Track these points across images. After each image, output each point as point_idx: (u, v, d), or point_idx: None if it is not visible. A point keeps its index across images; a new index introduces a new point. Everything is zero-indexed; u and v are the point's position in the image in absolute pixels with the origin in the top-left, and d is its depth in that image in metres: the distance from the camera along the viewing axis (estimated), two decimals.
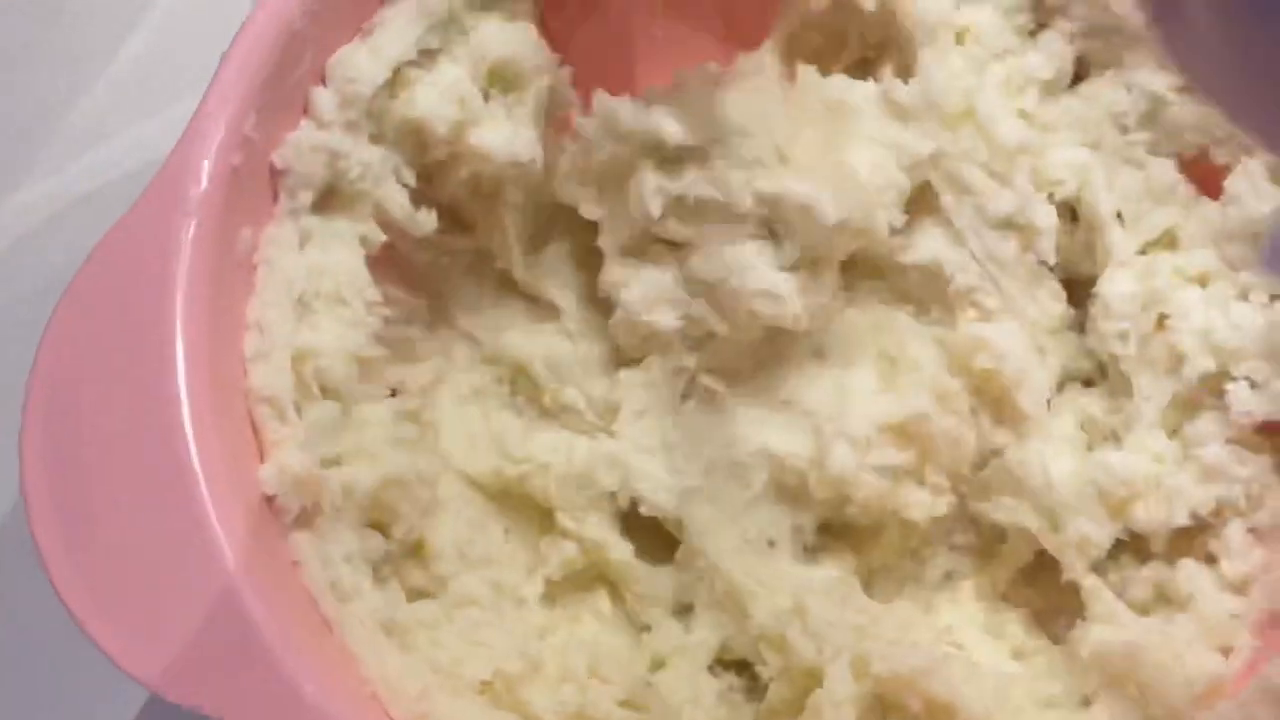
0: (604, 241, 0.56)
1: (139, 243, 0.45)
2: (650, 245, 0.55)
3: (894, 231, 0.55)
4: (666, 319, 0.55)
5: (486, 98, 0.53)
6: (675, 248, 0.55)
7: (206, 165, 0.46)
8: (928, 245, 0.56)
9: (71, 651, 0.54)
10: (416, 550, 0.52)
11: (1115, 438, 0.55)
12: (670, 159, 0.53)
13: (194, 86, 0.47)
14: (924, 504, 0.55)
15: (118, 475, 0.43)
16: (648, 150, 0.53)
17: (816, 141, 0.54)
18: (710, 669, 0.55)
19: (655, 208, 0.53)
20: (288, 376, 0.48)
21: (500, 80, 0.53)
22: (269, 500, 0.46)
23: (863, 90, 0.55)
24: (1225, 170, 0.55)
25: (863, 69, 0.58)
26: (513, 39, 0.53)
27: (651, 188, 0.53)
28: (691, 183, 0.53)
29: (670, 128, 0.52)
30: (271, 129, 0.48)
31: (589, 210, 0.56)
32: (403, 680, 0.46)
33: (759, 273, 0.53)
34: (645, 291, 0.55)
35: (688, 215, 0.53)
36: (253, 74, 0.47)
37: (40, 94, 0.68)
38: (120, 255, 0.45)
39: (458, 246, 0.57)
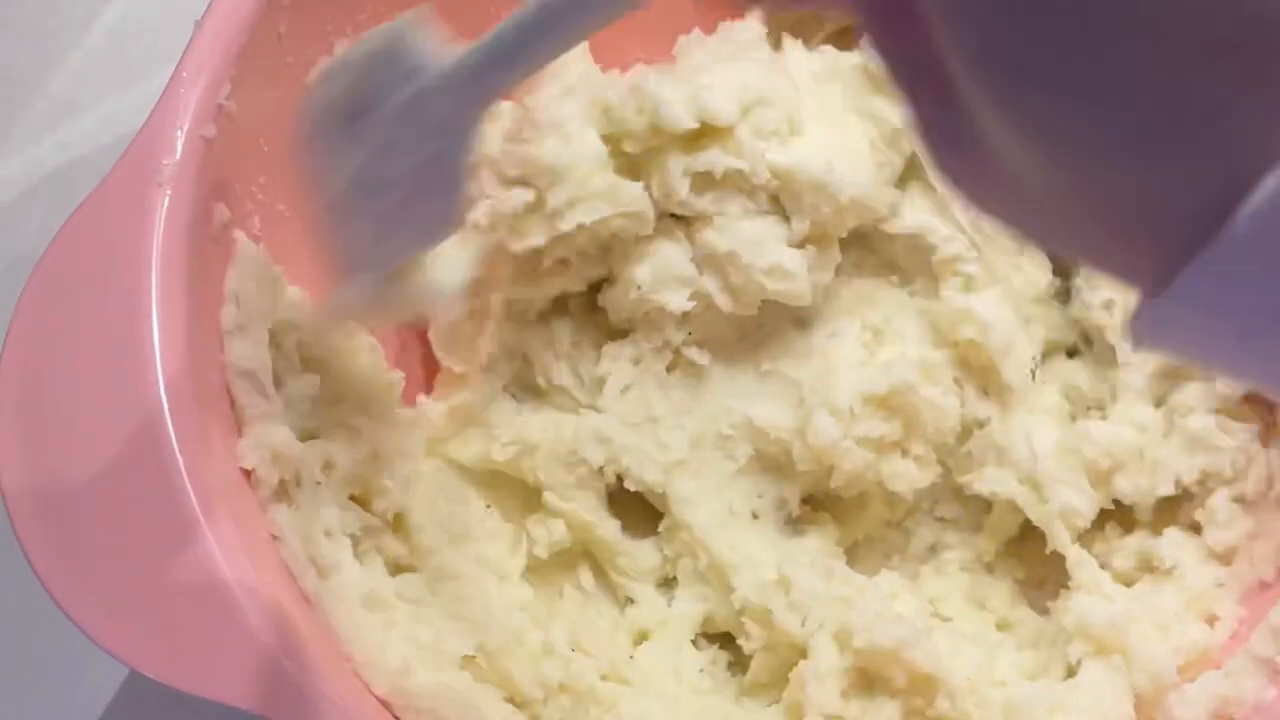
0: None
1: (111, 215, 0.44)
2: (659, 220, 0.55)
3: None
4: (677, 300, 0.54)
5: None
6: (685, 223, 0.55)
7: (180, 136, 0.45)
8: (913, 215, 0.55)
9: (47, 634, 0.54)
10: (397, 524, 0.52)
11: (1100, 408, 0.55)
12: (690, 138, 0.53)
13: (170, 59, 0.46)
14: (908, 475, 0.54)
15: (92, 451, 0.42)
16: (669, 137, 0.53)
17: (815, 115, 0.54)
18: (693, 642, 0.55)
19: (684, 189, 0.53)
20: (266, 349, 0.47)
21: None
22: (247, 474, 0.45)
23: (848, 61, 0.55)
24: None
25: (845, 37, 0.58)
26: None
27: (680, 170, 0.53)
28: (714, 157, 0.52)
29: (687, 117, 0.52)
30: (247, 98, 0.47)
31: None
32: (383, 655, 0.45)
33: (771, 247, 0.53)
34: (656, 270, 0.54)
35: (704, 187, 0.53)
36: (227, 43, 0.46)
37: (14, 66, 0.67)
38: (92, 228, 0.44)
39: None
